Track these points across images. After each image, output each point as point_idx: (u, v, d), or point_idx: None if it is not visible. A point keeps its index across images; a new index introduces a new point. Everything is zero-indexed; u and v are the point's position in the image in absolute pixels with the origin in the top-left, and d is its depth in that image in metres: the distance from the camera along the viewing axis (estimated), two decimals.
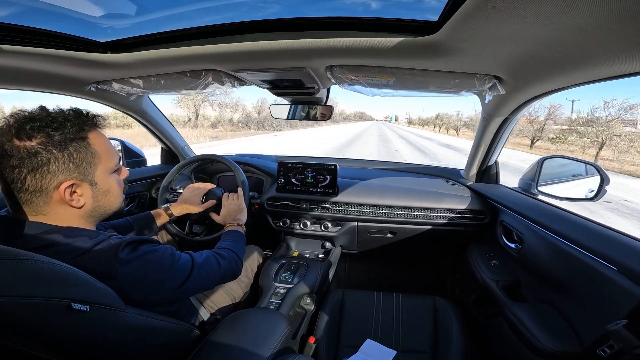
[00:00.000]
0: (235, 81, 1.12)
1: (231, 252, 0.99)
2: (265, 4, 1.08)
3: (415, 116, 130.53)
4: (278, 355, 0.80)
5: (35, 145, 0.61)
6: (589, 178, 1.17)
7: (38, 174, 0.62)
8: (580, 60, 0.69)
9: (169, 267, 0.73)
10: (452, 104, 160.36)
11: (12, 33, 0.80)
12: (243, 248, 1.10)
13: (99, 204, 0.72)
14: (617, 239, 0.85)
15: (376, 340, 1.23)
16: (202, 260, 0.85)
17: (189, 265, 0.80)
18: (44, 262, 0.50)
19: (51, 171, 0.62)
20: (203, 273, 0.82)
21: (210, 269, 0.86)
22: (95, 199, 0.71)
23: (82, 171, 0.67)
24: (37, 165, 0.61)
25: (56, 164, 0.63)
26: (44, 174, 0.62)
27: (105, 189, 0.72)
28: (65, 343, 0.54)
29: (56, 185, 0.63)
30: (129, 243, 0.68)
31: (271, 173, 1.80)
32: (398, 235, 1.61)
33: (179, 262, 0.77)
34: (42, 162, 0.61)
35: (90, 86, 1.20)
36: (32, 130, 0.61)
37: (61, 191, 0.64)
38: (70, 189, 0.65)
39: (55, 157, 0.62)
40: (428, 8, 0.69)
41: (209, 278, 0.85)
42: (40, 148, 0.61)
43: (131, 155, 1.83)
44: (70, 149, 0.64)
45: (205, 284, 0.85)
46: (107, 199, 0.74)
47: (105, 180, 0.72)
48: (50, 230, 0.63)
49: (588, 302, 0.87)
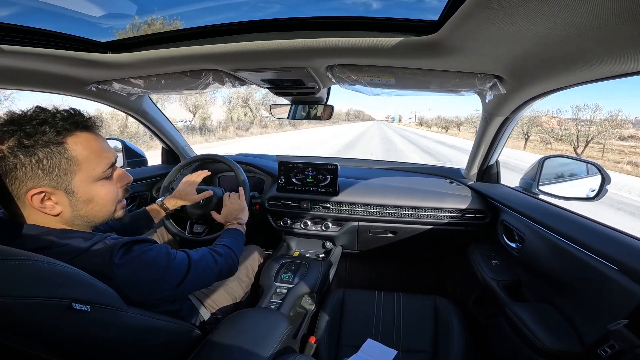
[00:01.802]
0: (236, 81, 1.12)
1: (227, 248, 0.99)
2: (266, 4, 1.08)
3: (424, 116, 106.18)
4: (279, 355, 0.80)
5: (5, 149, 0.59)
6: (589, 177, 1.17)
7: (7, 178, 0.60)
8: (580, 59, 0.69)
9: (165, 266, 0.72)
10: (468, 102, 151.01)
11: (13, 33, 0.80)
12: (241, 245, 1.10)
13: (80, 213, 0.68)
14: (618, 239, 0.85)
15: (377, 339, 1.23)
16: (198, 258, 0.84)
17: (185, 263, 0.79)
18: (45, 262, 0.50)
19: (19, 177, 0.60)
20: (200, 270, 0.82)
21: (207, 266, 0.86)
22: (75, 208, 0.67)
23: (54, 179, 0.62)
24: (5, 170, 0.59)
25: (23, 170, 0.60)
26: (12, 180, 0.60)
27: (86, 198, 0.68)
28: (66, 343, 0.54)
29: (25, 191, 0.61)
30: (124, 244, 0.67)
31: (272, 173, 1.80)
32: (399, 234, 1.61)
33: (175, 260, 0.76)
34: (9, 167, 0.59)
35: (91, 86, 1.20)
36: (5, 133, 0.60)
37: (28, 199, 0.61)
38: (39, 196, 0.62)
39: (22, 162, 0.59)
40: (428, 8, 0.70)
41: (207, 275, 0.85)
42: (8, 152, 0.59)
43: (132, 155, 1.83)
44: (40, 154, 0.60)
45: (203, 281, 0.84)
46: (91, 208, 0.69)
47: (85, 189, 0.67)
48: (46, 232, 0.63)
49: (589, 302, 0.87)
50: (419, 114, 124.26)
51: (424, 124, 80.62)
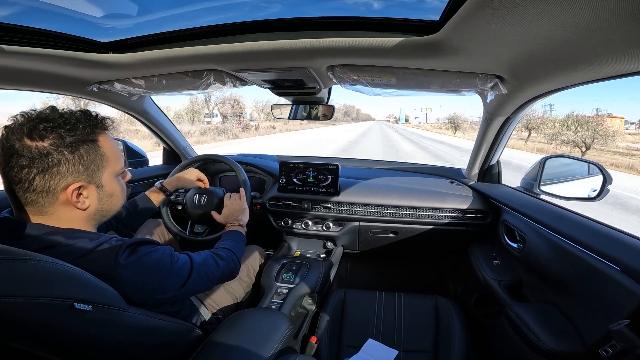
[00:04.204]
0: (237, 81, 1.12)
1: (229, 252, 0.99)
2: (267, 4, 1.08)
3: (432, 116, 76.18)
4: (280, 355, 0.80)
5: (48, 146, 0.61)
6: (591, 177, 1.17)
7: (47, 174, 0.62)
8: (581, 59, 0.69)
9: (168, 268, 0.73)
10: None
11: (14, 33, 0.80)
12: (242, 248, 1.10)
13: (103, 207, 0.72)
14: (620, 239, 0.85)
15: (378, 339, 1.23)
16: (200, 261, 0.85)
17: (187, 266, 0.79)
18: (47, 262, 0.50)
19: (61, 172, 0.63)
20: (202, 274, 0.82)
21: (209, 270, 0.86)
22: (100, 202, 0.71)
23: (90, 173, 0.67)
24: (47, 166, 0.61)
25: (66, 166, 0.63)
26: (54, 175, 0.62)
27: (110, 192, 0.73)
28: (67, 343, 0.54)
29: (64, 186, 0.64)
30: (129, 245, 0.68)
31: (273, 173, 1.80)
32: (400, 235, 1.61)
33: (177, 262, 0.76)
34: (53, 163, 0.61)
35: (92, 86, 1.20)
36: (45, 130, 0.61)
37: (68, 193, 0.64)
38: (77, 190, 0.65)
39: (67, 158, 0.63)
40: (429, 8, 0.69)
41: (208, 279, 0.85)
42: (52, 149, 0.61)
43: (133, 155, 1.84)
44: (81, 151, 0.65)
45: (204, 284, 0.85)
46: (111, 202, 0.74)
47: (110, 184, 0.72)
48: (52, 232, 0.63)
49: (590, 302, 0.87)
50: (430, 113, 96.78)
51: (459, 129, 49.14)
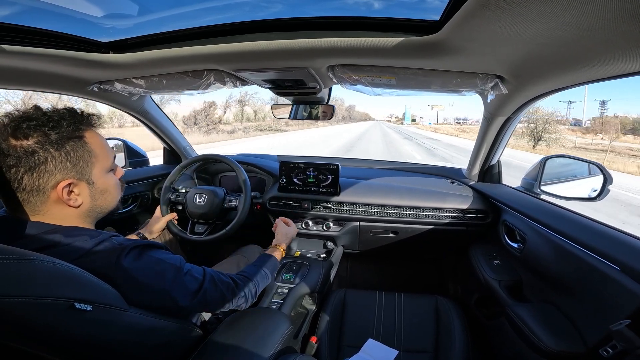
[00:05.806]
0: (237, 81, 1.12)
1: (254, 288, 0.95)
2: (267, 4, 1.07)
3: (442, 116, 61.23)
4: (280, 354, 0.80)
5: (32, 145, 0.60)
6: (591, 177, 1.17)
7: (35, 173, 0.61)
8: (582, 59, 0.69)
9: (172, 280, 0.70)
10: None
11: (14, 33, 0.80)
12: (268, 281, 1.05)
13: (97, 203, 0.71)
14: (620, 239, 0.85)
15: (378, 339, 1.23)
16: (212, 285, 0.79)
17: (194, 287, 0.74)
18: (47, 261, 0.50)
19: (49, 170, 0.62)
20: (208, 298, 0.77)
21: (219, 297, 0.81)
22: (93, 198, 0.70)
23: (79, 170, 0.66)
24: (34, 165, 0.61)
25: (53, 163, 0.62)
26: (42, 173, 0.62)
27: (103, 188, 0.72)
28: (67, 343, 0.54)
29: (54, 184, 0.63)
30: (135, 247, 0.66)
31: (273, 173, 1.80)
32: (400, 235, 1.61)
33: (185, 275, 0.73)
34: (40, 162, 0.61)
35: (93, 86, 1.20)
36: (28, 129, 0.61)
37: (59, 190, 0.63)
38: (67, 188, 0.65)
39: (53, 156, 0.62)
40: (430, 8, 0.69)
41: (214, 304, 0.81)
42: (38, 147, 0.61)
43: (133, 155, 1.84)
44: (67, 147, 0.64)
45: (207, 308, 0.82)
46: (105, 198, 0.73)
47: (102, 179, 0.71)
48: (51, 230, 0.63)
49: (591, 302, 0.87)
50: (441, 111, 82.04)
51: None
